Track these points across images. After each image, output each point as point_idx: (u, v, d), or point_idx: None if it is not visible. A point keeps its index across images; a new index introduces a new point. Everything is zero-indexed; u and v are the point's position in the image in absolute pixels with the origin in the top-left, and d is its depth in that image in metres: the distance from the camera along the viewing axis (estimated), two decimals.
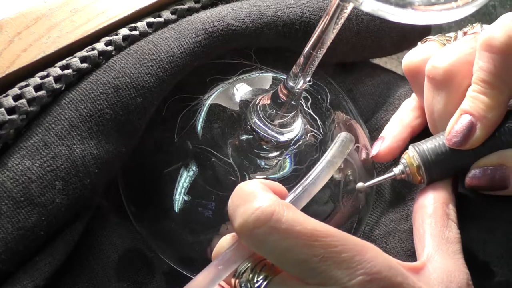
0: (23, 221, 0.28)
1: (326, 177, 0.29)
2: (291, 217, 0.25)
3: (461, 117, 0.32)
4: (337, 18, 0.27)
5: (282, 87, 0.33)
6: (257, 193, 0.26)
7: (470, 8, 0.23)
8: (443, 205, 0.32)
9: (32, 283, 0.29)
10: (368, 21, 0.41)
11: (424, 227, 0.32)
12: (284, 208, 0.25)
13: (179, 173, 0.34)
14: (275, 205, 0.25)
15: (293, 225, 0.24)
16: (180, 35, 0.34)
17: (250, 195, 0.26)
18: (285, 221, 0.24)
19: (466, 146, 0.32)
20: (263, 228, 0.24)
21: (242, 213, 0.25)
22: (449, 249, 0.30)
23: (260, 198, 0.25)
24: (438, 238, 0.31)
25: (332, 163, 0.29)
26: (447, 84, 0.33)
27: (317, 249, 0.24)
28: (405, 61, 0.37)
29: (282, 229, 0.24)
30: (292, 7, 0.38)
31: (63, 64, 0.32)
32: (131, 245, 0.35)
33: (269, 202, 0.25)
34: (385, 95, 0.43)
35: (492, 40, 0.31)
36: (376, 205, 0.39)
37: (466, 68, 0.33)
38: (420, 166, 0.33)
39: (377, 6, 0.22)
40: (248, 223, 0.25)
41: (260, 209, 0.25)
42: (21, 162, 0.29)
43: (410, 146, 0.34)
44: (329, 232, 0.25)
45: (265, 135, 0.34)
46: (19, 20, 0.33)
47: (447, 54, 0.34)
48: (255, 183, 0.27)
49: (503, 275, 0.33)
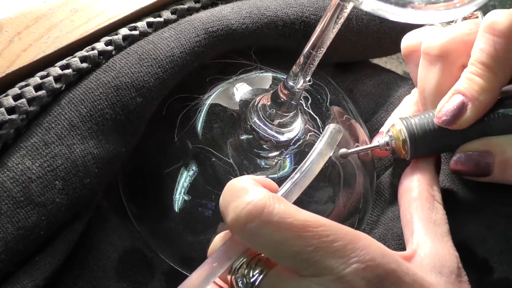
0: (23, 221, 0.28)
1: (316, 169, 0.29)
2: (283, 210, 0.25)
3: (453, 97, 0.32)
4: (337, 17, 0.27)
5: (282, 87, 0.33)
6: (248, 188, 0.26)
7: (470, 8, 0.23)
8: (428, 187, 0.32)
9: (32, 282, 0.29)
10: (368, 21, 0.41)
11: (411, 211, 0.31)
12: (275, 201, 0.25)
13: (179, 172, 0.34)
14: (266, 199, 0.25)
15: (285, 217, 0.24)
16: (180, 35, 0.34)
17: (241, 190, 0.26)
18: (276, 213, 0.24)
19: (454, 126, 0.32)
20: (255, 222, 0.25)
21: (233, 208, 0.25)
22: (437, 232, 0.30)
23: (251, 193, 0.25)
24: (425, 222, 0.31)
25: (322, 155, 0.29)
26: (441, 60, 0.33)
27: (309, 240, 0.24)
28: (404, 42, 0.37)
29: (274, 221, 0.24)
30: (292, 7, 0.38)
31: (63, 64, 0.32)
32: (131, 245, 0.35)
33: (260, 196, 0.25)
34: (385, 95, 0.43)
35: (496, 23, 0.31)
36: (376, 204, 0.39)
37: (461, 47, 0.33)
38: (406, 140, 0.33)
39: (377, 6, 0.22)
40: (240, 217, 0.25)
41: (252, 203, 0.25)
42: (21, 161, 0.29)
43: (398, 119, 0.34)
44: (321, 222, 0.25)
45: (265, 135, 0.34)
46: (19, 20, 0.33)
47: (445, 32, 0.34)
48: (245, 178, 0.27)
49: (502, 271, 0.33)
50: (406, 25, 0.44)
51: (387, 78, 0.44)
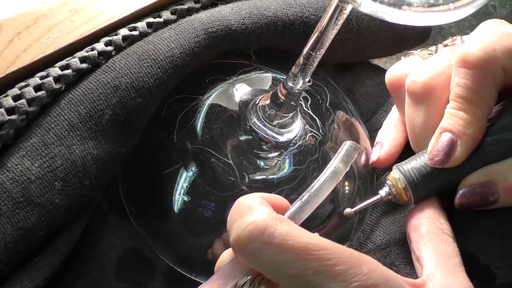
0: (22, 222, 0.28)
1: (329, 188, 0.28)
2: (284, 231, 0.24)
3: (441, 135, 0.32)
4: (336, 18, 0.27)
5: (282, 88, 0.33)
6: (253, 207, 0.26)
7: (469, 9, 0.23)
8: (435, 221, 0.32)
9: (31, 283, 0.29)
10: (368, 22, 0.41)
11: (420, 248, 0.31)
12: (277, 222, 0.25)
13: (179, 173, 0.34)
14: (269, 219, 0.25)
15: (286, 239, 0.24)
16: (179, 35, 0.34)
17: (245, 209, 0.26)
18: (278, 235, 0.24)
19: (448, 164, 0.32)
20: (256, 243, 0.24)
21: (236, 228, 0.25)
22: (448, 264, 0.30)
23: (255, 213, 0.25)
24: (435, 255, 0.30)
25: (336, 174, 0.28)
26: (426, 98, 0.33)
27: (310, 263, 0.24)
28: (387, 75, 0.37)
29: (275, 243, 0.24)
30: (292, 7, 0.38)
31: (62, 64, 0.32)
32: (131, 245, 0.35)
33: (263, 216, 0.25)
34: (385, 95, 0.43)
35: (468, 56, 0.31)
36: (376, 205, 0.39)
37: (444, 81, 0.33)
38: (407, 187, 0.33)
39: (376, 7, 0.22)
40: (241, 237, 0.25)
41: (254, 224, 0.25)
42: (20, 162, 0.29)
43: (394, 167, 0.34)
44: (323, 245, 0.24)
45: (265, 136, 0.34)
46: (19, 20, 0.33)
47: (425, 68, 0.34)
48: (253, 197, 0.27)
49: (505, 277, 0.33)
50: (406, 26, 0.44)
51: None
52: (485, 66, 0.30)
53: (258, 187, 0.34)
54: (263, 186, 0.34)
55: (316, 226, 0.35)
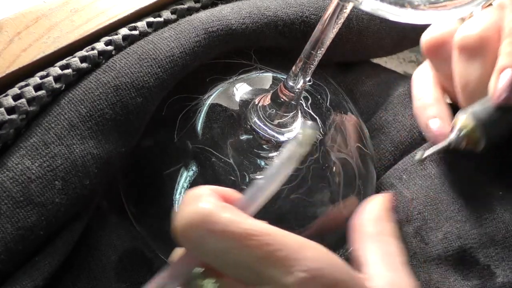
0: (22, 221, 0.28)
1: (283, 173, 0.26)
2: (227, 218, 0.24)
3: (501, 75, 0.31)
4: (337, 17, 0.27)
5: (282, 87, 0.33)
6: (198, 197, 0.25)
7: (470, 8, 0.23)
8: (378, 222, 0.31)
9: (31, 283, 0.29)
10: (368, 21, 0.41)
11: (362, 247, 0.30)
12: (221, 209, 0.24)
13: (179, 173, 0.34)
14: (212, 207, 0.24)
15: (228, 225, 0.23)
16: (180, 35, 0.34)
17: (190, 199, 0.25)
18: (220, 222, 0.24)
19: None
20: (198, 231, 0.24)
21: (180, 217, 0.24)
22: (392, 262, 0.28)
23: (199, 202, 0.24)
24: (378, 255, 0.29)
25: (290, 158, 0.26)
26: (481, 50, 0.32)
27: (252, 249, 0.23)
28: (425, 37, 0.36)
29: (217, 230, 0.23)
30: (292, 7, 0.38)
31: (63, 64, 0.32)
32: (131, 245, 0.35)
33: (206, 205, 0.24)
34: (385, 95, 0.43)
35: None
36: None
37: (498, 33, 0.32)
38: (476, 129, 0.32)
39: (377, 6, 0.22)
40: (184, 225, 0.24)
41: (196, 211, 0.24)
42: (20, 162, 0.29)
43: (458, 113, 0.33)
44: (265, 231, 0.24)
45: (265, 135, 0.34)
46: (19, 20, 0.33)
47: (478, 22, 0.33)
48: (201, 188, 0.26)
49: (505, 276, 0.33)
50: (406, 25, 0.44)
51: (387, 78, 0.44)
52: None
53: None
54: None
55: (315, 224, 0.35)
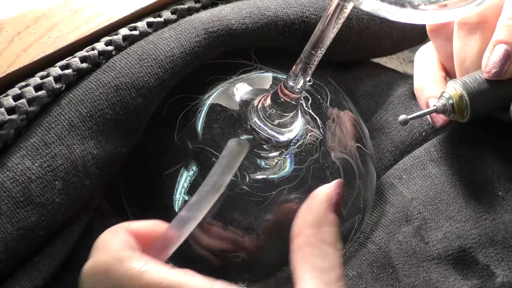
0: (22, 221, 0.28)
1: (208, 205, 0.25)
2: (124, 272, 0.22)
3: (495, 48, 0.31)
4: (337, 17, 0.27)
5: (282, 87, 0.33)
6: (105, 243, 0.24)
7: (470, 7, 0.23)
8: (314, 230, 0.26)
9: (31, 283, 0.29)
10: (368, 21, 0.41)
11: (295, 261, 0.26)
12: (119, 261, 0.23)
13: (179, 173, 0.34)
14: (110, 259, 0.23)
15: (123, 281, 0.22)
16: (180, 35, 0.34)
17: (98, 245, 0.24)
18: (117, 276, 0.22)
19: (506, 75, 0.31)
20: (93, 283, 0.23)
21: (85, 265, 0.24)
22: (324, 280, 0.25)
23: (102, 250, 0.24)
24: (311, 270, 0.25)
25: (215, 189, 0.24)
26: (480, 26, 0.33)
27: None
28: None
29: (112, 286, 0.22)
30: (292, 7, 0.38)
31: (63, 64, 0.32)
32: None
33: (105, 255, 0.23)
34: (385, 94, 0.43)
35: None
36: (376, 205, 0.39)
37: (498, 12, 0.32)
38: (464, 98, 0.32)
39: (377, 6, 0.22)
40: (83, 276, 0.23)
41: (95, 262, 0.23)
42: (21, 162, 0.29)
43: (449, 82, 0.33)
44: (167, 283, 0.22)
45: (265, 135, 0.34)
46: (19, 20, 0.33)
47: None
48: (113, 229, 0.25)
49: (505, 276, 0.33)
50: (406, 25, 0.44)
51: (387, 78, 0.44)
52: None
53: (259, 187, 0.34)
54: (263, 185, 0.34)
55: None
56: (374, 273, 0.36)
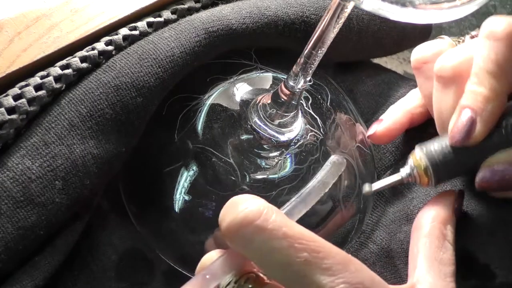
0: (22, 221, 0.28)
1: (317, 197, 0.28)
2: (279, 219, 0.25)
3: (461, 114, 0.31)
4: (338, 17, 0.27)
5: (283, 87, 0.33)
6: (247, 198, 0.26)
7: (471, 7, 0.23)
8: (441, 225, 0.32)
9: (31, 283, 0.29)
10: (368, 21, 0.41)
11: (419, 246, 0.31)
12: (273, 210, 0.25)
13: (180, 172, 0.34)
14: (264, 207, 0.25)
15: (280, 226, 0.24)
16: (180, 35, 0.34)
17: (239, 201, 0.26)
18: (272, 221, 0.24)
19: (469, 142, 0.31)
20: (249, 227, 0.25)
21: (229, 215, 0.25)
22: (441, 271, 0.29)
23: (250, 202, 0.26)
24: (430, 259, 0.30)
25: (324, 184, 0.29)
26: (454, 81, 0.33)
27: (300, 252, 0.24)
28: (415, 53, 0.37)
29: (268, 229, 0.24)
30: (292, 6, 0.38)
31: (63, 63, 0.32)
32: (131, 245, 0.35)
33: (258, 204, 0.25)
34: (386, 95, 0.43)
35: (493, 28, 0.31)
36: (376, 205, 0.39)
37: None
38: (428, 168, 0.32)
39: (378, 5, 0.22)
40: (235, 221, 0.25)
41: (248, 209, 0.25)
42: (21, 161, 0.29)
43: (416, 147, 0.33)
44: (315, 238, 0.25)
45: (266, 135, 0.34)
46: (19, 20, 0.33)
47: (455, 54, 0.33)
48: (247, 195, 0.27)
49: (504, 276, 0.33)
50: (407, 25, 0.44)
51: (387, 78, 0.44)
52: (508, 38, 0.30)
53: (259, 187, 0.34)
54: (264, 185, 0.34)
55: (317, 225, 0.35)
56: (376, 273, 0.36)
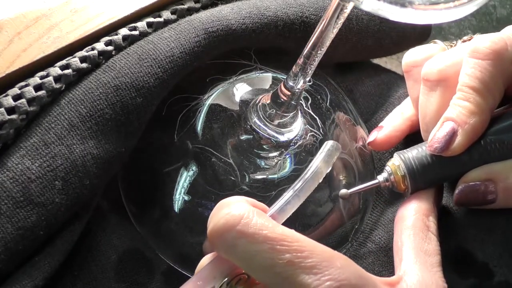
0: (22, 221, 0.28)
1: (311, 188, 0.29)
2: (260, 223, 0.25)
3: (444, 124, 0.32)
4: (337, 17, 0.27)
5: (282, 87, 0.33)
6: (231, 202, 0.26)
7: (471, 7, 0.23)
8: (423, 217, 0.32)
9: (31, 283, 0.29)
10: (368, 21, 0.41)
11: (403, 239, 0.31)
12: (254, 214, 0.25)
13: (179, 173, 0.34)
14: (245, 211, 0.25)
15: (261, 229, 0.25)
16: (180, 35, 0.34)
17: (224, 204, 0.26)
18: (253, 225, 0.25)
19: (448, 153, 0.32)
20: (231, 232, 0.25)
21: (214, 219, 0.26)
22: (427, 262, 0.30)
23: (233, 206, 0.26)
24: (416, 250, 0.30)
25: (317, 174, 0.29)
26: (439, 85, 0.33)
27: (283, 254, 0.24)
28: (406, 57, 0.37)
29: (249, 233, 0.25)
30: (292, 7, 0.38)
31: (63, 64, 0.32)
32: (131, 245, 0.35)
33: (240, 208, 0.25)
34: (385, 95, 0.43)
35: (479, 46, 0.31)
36: (376, 205, 0.39)
37: (458, 72, 0.33)
38: (405, 175, 0.33)
39: (378, 6, 0.22)
40: (217, 227, 0.25)
41: (230, 214, 0.25)
42: (20, 162, 0.29)
43: (395, 154, 0.34)
44: (297, 238, 0.25)
45: (265, 135, 0.34)
46: (19, 20, 0.33)
47: (442, 58, 0.34)
48: (235, 197, 0.27)
49: (502, 274, 0.33)
50: (406, 25, 0.44)
51: (387, 78, 0.44)
52: (494, 57, 0.31)
53: (259, 187, 0.34)
54: (263, 185, 0.34)
55: (316, 224, 0.35)
56: (375, 272, 0.36)
